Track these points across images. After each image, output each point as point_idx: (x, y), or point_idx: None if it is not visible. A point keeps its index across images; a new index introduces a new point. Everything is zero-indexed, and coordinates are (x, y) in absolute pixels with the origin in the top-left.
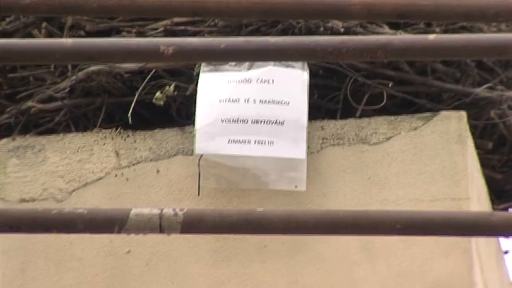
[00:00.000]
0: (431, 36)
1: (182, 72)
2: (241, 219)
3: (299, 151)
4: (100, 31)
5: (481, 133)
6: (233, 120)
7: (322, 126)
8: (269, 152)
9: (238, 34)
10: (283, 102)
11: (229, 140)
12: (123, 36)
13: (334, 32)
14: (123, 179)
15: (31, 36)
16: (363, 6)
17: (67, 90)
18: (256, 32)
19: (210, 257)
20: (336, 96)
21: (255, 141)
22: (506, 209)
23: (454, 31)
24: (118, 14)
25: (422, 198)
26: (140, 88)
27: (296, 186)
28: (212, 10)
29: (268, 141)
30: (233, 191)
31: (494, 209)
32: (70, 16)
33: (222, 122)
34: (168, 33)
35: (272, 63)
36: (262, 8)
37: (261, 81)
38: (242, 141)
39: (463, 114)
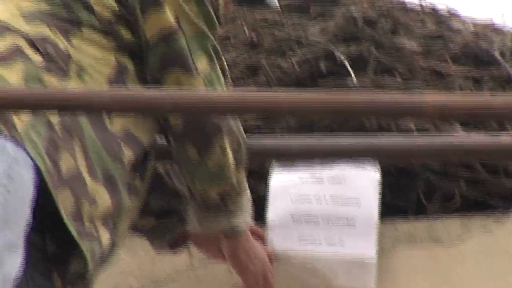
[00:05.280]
0: (504, 138)
1: (253, 170)
2: None
3: (370, 251)
4: None
5: None
6: (304, 219)
7: (393, 226)
8: (340, 252)
9: (310, 133)
10: (354, 202)
11: (300, 240)
12: None
13: (406, 131)
14: (195, 280)
15: None
16: (436, 105)
17: None
18: (328, 131)
19: None
20: (408, 195)
21: (326, 240)
22: None
23: None
24: (191, 112)
25: None
26: None
27: (366, 287)
28: (284, 109)
29: (339, 241)
30: None
31: None
32: None
33: (294, 221)
34: None
35: (344, 162)
36: (334, 107)
37: (332, 181)
38: (313, 240)
39: None
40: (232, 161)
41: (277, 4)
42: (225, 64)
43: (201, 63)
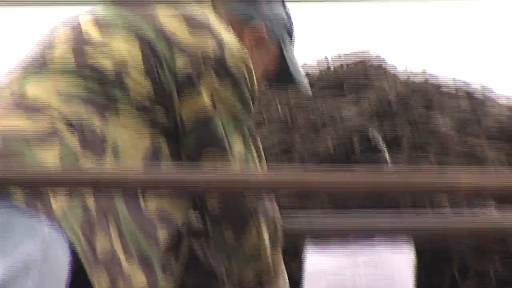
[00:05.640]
0: None
1: (285, 251)
2: None
3: None
4: None
5: None
6: None
7: None
8: None
9: (343, 210)
10: (390, 283)
11: None
12: None
13: (439, 207)
14: None
15: None
16: (470, 184)
17: None
18: (362, 208)
19: None
20: (442, 273)
21: None
22: None
23: None
24: (225, 192)
25: None
26: None
27: None
28: (319, 188)
29: None
30: None
31: None
32: None
33: None
34: None
35: (378, 243)
36: (368, 186)
37: (368, 265)
38: None
39: None
40: (268, 243)
41: (309, 91)
42: (260, 146)
43: (237, 146)
